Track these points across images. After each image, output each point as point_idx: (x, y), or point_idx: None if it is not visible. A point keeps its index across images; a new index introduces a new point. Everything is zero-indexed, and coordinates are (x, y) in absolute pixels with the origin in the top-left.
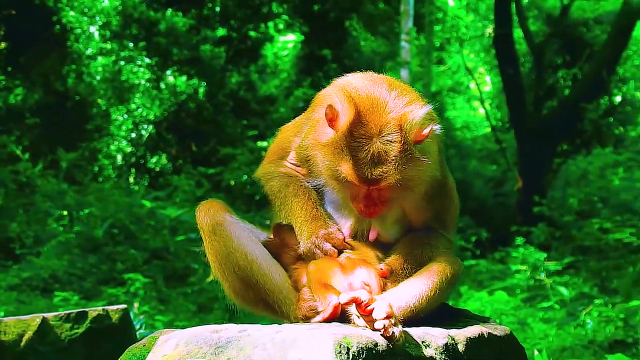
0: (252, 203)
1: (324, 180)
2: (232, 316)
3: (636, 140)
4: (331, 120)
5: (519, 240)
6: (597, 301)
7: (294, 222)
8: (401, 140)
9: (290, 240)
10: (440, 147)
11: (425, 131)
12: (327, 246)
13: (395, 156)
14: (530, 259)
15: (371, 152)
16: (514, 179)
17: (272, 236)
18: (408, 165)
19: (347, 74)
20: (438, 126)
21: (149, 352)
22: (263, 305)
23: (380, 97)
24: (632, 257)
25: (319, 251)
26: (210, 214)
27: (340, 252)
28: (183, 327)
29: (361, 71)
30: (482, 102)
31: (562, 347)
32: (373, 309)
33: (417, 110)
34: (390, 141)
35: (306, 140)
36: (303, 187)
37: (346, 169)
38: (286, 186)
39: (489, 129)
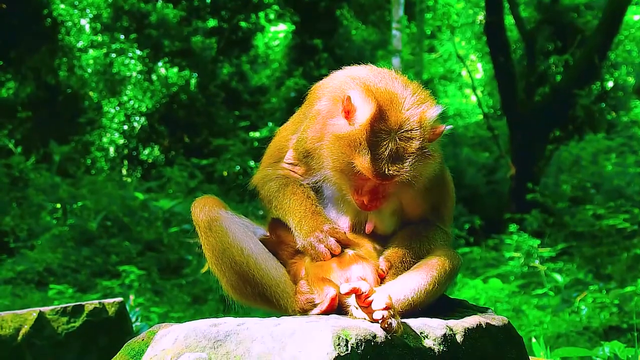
0: (246, 193)
1: (323, 175)
2: (227, 307)
3: (628, 126)
4: (348, 113)
5: (513, 227)
6: (591, 287)
7: (292, 219)
8: (420, 138)
9: (286, 236)
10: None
11: (440, 130)
12: (332, 241)
13: (412, 153)
14: (524, 245)
15: (390, 147)
16: (506, 166)
17: (267, 233)
18: (422, 163)
19: (348, 67)
20: (450, 126)
21: (147, 347)
22: (261, 300)
23: (398, 93)
24: (626, 242)
25: (322, 246)
26: (206, 210)
27: (343, 247)
28: (178, 319)
29: (358, 63)
30: (474, 89)
31: (557, 334)
32: (372, 300)
33: (434, 109)
34: (409, 138)
35: (307, 132)
36: (302, 186)
37: (362, 162)
38: (284, 186)
39: (481, 117)
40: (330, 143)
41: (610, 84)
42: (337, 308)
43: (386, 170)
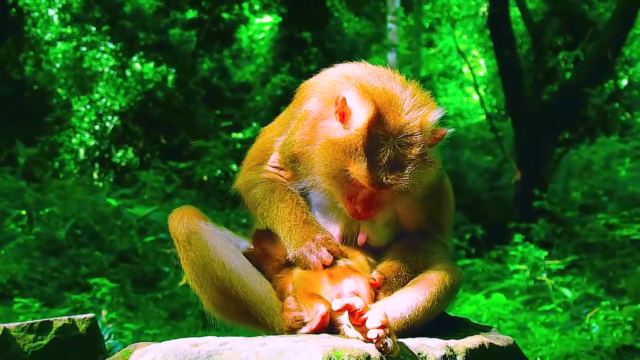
0: (228, 199)
1: (312, 181)
2: (208, 325)
3: None
4: (343, 115)
5: (518, 237)
6: (603, 303)
7: (280, 228)
8: (420, 143)
9: (271, 249)
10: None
11: (441, 134)
12: (324, 252)
13: (412, 160)
14: (530, 257)
15: (388, 154)
16: (511, 170)
17: (251, 246)
18: (422, 170)
19: (340, 64)
20: (452, 129)
21: None
22: (245, 318)
23: (397, 94)
24: None
25: (314, 257)
26: (184, 222)
27: (335, 259)
28: (154, 336)
29: (351, 59)
30: (476, 87)
31: (565, 354)
32: (367, 317)
33: (435, 112)
34: (409, 144)
35: (295, 134)
36: (290, 192)
37: (358, 170)
38: (271, 192)
39: (483, 117)
40: (322, 147)
41: (624, 82)
42: (328, 326)
43: (384, 178)
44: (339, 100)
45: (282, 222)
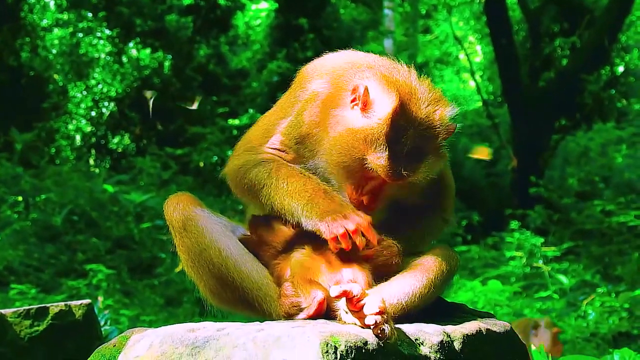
0: (224, 186)
1: (315, 164)
2: (204, 310)
3: None
4: (365, 104)
5: (514, 224)
6: (599, 290)
7: (296, 202)
8: (437, 136)
9: (268, 236)
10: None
11: (453, 128)
12: (357, 220)
13: (428, 152)
14: (527, 244)
15: (407, 146)
16: (508, 157)
17: (247, 233)
18: (435, 163)
19: (343, 50)
20: (460, 124)
21: (119, 353)
22: (242, 305)
23: (416, 86)
24: (637, 241)
25: (342, 224)
26: (180, 209)
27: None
28: (150, 322)
29: (348, 45)
30: (472, 74)
31: (562, 341)
32: (364, 303)
33: (450, 108)
34: (428, 136)
35: (303, 115)
36: (298, 169)
37: (376, 160)
38: (277, 169)
39: (480, 103)
40: (340, 136)
41: (620, 69)
42: (326, 312)
43: (402, 169)
44: (360, 89)
45: (298, 195)
